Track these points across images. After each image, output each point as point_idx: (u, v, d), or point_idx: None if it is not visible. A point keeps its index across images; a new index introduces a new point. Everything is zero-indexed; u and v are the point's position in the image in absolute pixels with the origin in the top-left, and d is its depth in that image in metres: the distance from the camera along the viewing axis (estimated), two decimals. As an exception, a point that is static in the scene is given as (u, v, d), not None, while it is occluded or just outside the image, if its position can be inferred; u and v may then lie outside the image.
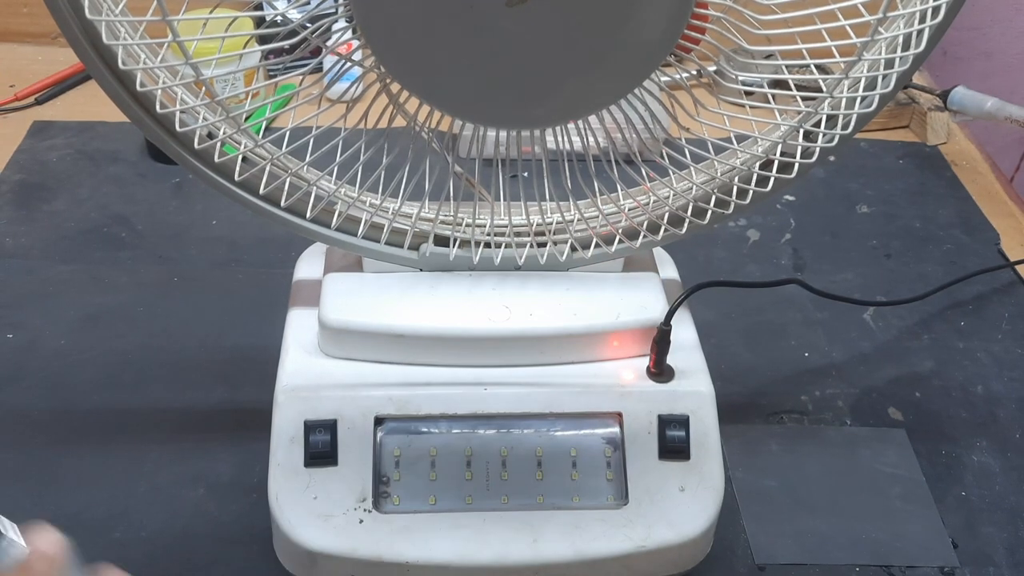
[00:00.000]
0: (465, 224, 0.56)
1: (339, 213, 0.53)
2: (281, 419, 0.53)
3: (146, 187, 0.89)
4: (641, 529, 0.53)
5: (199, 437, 0.66)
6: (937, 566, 0.61)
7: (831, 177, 0.97)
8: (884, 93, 0.47)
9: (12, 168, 0.91)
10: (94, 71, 0.44)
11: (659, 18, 0.42)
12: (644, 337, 0.56)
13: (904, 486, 0.66)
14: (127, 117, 0.47)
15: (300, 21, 0.42)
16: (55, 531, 0.40)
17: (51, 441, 0.65)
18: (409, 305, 0.55)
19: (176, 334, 0.74)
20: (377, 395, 0.54)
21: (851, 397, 0.73)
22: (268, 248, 0.82)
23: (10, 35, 1.08)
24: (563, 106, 0.47)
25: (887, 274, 0.85)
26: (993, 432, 0.71)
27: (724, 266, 0.85)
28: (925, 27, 0.43)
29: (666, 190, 0.55)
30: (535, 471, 0.54)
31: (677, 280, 0.63)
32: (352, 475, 0.53)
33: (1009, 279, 0.86)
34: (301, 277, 0.62)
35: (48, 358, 0.71)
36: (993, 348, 0.78)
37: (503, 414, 0.55)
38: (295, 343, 0.57)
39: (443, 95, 0.46)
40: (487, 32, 0.42)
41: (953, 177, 0.99)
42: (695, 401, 0.55)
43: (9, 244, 0.82)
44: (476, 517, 0.53)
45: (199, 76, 0.43)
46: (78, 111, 0.99)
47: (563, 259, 0.56)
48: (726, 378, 0.70)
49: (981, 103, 0.97)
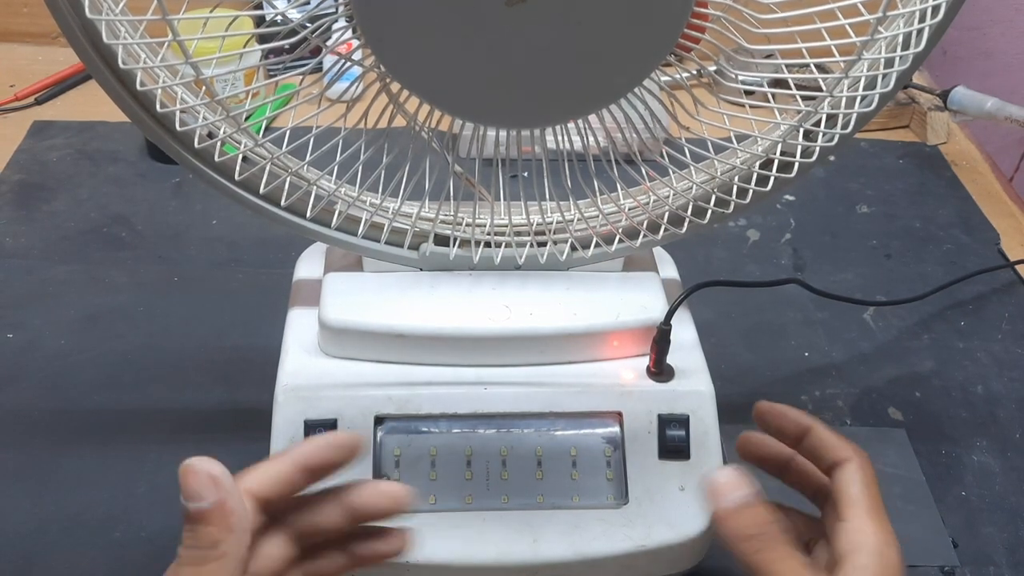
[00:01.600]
0: (465, 224, 0.56)
1: (339, 213, 0.53)
2: (281, 419, 0.53)
3: (146, 187, 0.89)
4: (641, 529, 0.53)
5: (199, 437, 0.66)
6: (937, 566, 0.61)
7: (831, 177, 0.97)
8: (884, 92, 0.47)
9: (12, 168, 0.91)
10: (94, 70, 0.44)
11: (659, 17, 0.42)
12: (644, 337, 0.56)
13: (904, 486, 0.66)
14: (127, 117, 0.47)
15: (300, 21, 0.42)
16: None
17: (51, 441, 0.65)
18: (409, 305, 0.55)
19: (176, 334, 0.74)
20: (377, 395, 0.54)
21: (851, 397, 0.73)
22: (268, 248, 0.82)
23: (10, 35, 1.08)
24: (563, 105, 0.47)
25: (887, 274, 0.85)
26: (993, 432, 0.71)
27: (724, 266, 0.85)
28: (925, 26, 0.43)
29: (666, 189, 0.55)
30: (535, 471, 0.54)
31: (677, 280, 0.63)
32: (352, 475, 0.53)
33: (1009, 279, 0.86)
34: (301, 277, 0.62)
35: (48, 358, 0.71)
36: (993, 348, 0.78)
37: (503, 414, 0.55)
38: (295, 343, 0.57)
39: (442, 94, 0.46)
40: (487, 31, 0.42)
41: (953, 177, 0.99)
42: (695, 401, 0.55)
43: (9, 244, 0.82)
44: (476, 517, 0.53)
45: (199, 75, 0.43)
46: (78, 111, 0.99)
47: (563, 258, 0.56)
48: (726, 378, 0.70)
49: (981, 103, 0.97)
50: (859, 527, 0.44)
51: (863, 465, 0.46)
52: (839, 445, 0.47)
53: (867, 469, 0.46)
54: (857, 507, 0.45)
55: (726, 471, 0.44)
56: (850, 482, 0.46)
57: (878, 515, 0.44)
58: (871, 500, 0.45)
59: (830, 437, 0.47)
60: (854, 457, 0.46)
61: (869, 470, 0.46)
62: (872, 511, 0.45)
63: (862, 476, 0.46)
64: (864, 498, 0.45)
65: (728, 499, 0.44)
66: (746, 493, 0.44)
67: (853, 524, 0.44)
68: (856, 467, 0.46)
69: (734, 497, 0.44)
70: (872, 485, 0.46)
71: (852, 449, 0.47)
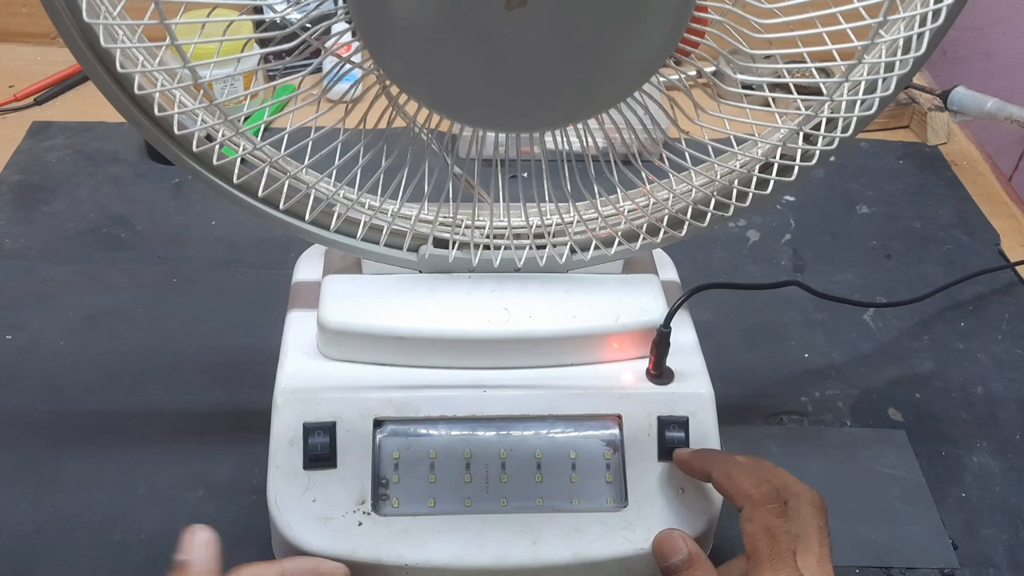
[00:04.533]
0: (464, 226, 0.56)
1: (338, 215, 0.53)
2: (280, 421, 0.53)
3: (145, 188, 0.89)
4: (641, 531, 0.53)
5: (198, 439, 0.66)
6: (937, 567, 0.61)
7: (831, 177, 0.97)
8: (884, 96, 0.47)
9: (11, 169, 0.91)
10: (92, 73, 0.44)
11: (659, 21, 0.42)
12: (644, 339, 0.56)
13: (904, 487, 0.66)
14: (125, 120, 0.47)
15: (299, 23, 0.42)
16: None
17: (51, 442, 0.65)
18: (408, 307, 0.55)
19: (175, 335, 0.74)
20: (376, 397, 0.54)
21: (851, 398, 0.73)
22: (267, 249, 0.82)
23: (9, 35, 1.08)
24: (562, 109, 0.46)
25: (887, 274, 0.85)
26: (993, 433, 0.71)
27: (724, 267, 0.85)
28: (926, 30, 0.43)
29: (665, 192, 0.55)
30: (534, 473, 0.54)
31: (677, 282, 0.63)
32: (351, 477, 0.53)
33: (1009, 279, 0.86)
34: (300, 279, 0.62)
35: (48, 359, 0.71)
36: (993, 349, 0.78)
37: (502, 416, 0.55)
38: (294, 345, 0.57)
39: (441, 98, 0.46)
40: (486, 35, 0.42)
41: (953, 177, 0.99)
42: (695, 403, 0.55)
43: (8, 245, 0.82)
44: (475, 519, 0.53)
45: (197, 78, 0.43)
46: (77, 111, 0.99)
47: (562, 261, 0.56)
48: (726, 379, 0.70)
49: (981, 103, 0.97)
50: None
51: (752, 514, 0.47)
52: (732, 493, 0.49)
53: (757, 518, 0.47)
54: (751, 560, 0.47)
55: (669, 533, 0.51)
56: (743, 533, 0.48)
57: (770, 566, 0.46)
58: (763, 551, 0.46)
59: (727, 484, 0.49)
60: (745, 505, 0.48)
61: (760, 518, 0.47)
62: (763, 563, 0.46)
63: (751, 527, 0.47)
64: (755, 552, 0.46)
65: (669, 560, 0.49)
66: (684, 553, 0.49)
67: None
68: (746, 517, 0.48)
69: (674, 559, 0.49)
70: (761, 535, 0.47)
71: (744, 496, 0.48)
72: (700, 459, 0.52)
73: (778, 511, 0.47)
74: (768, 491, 0.48)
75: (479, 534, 0.53)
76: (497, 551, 0.52)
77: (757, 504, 0.47)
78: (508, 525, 0.53)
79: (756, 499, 0.47)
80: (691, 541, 0.50)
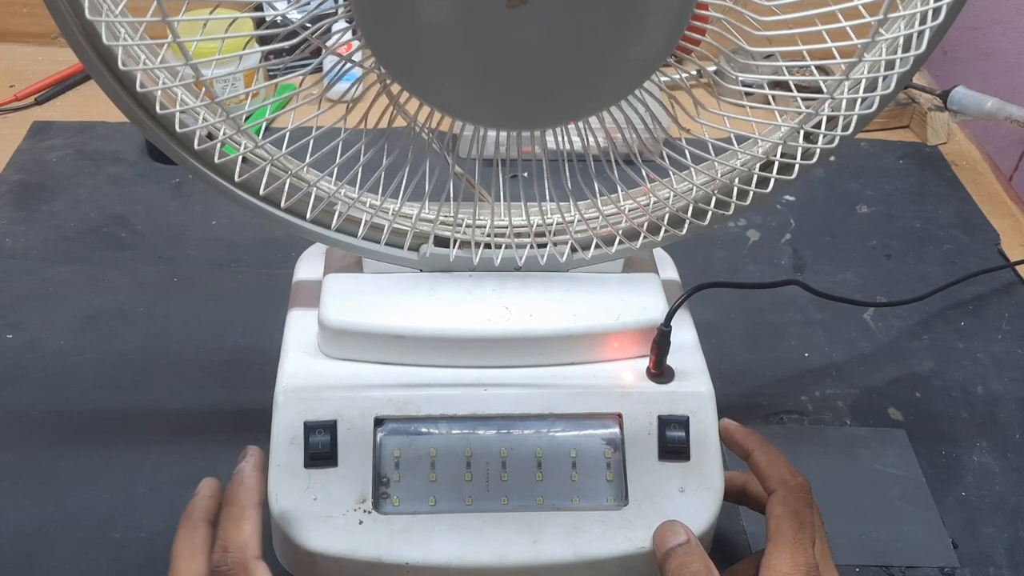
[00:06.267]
0: (465, 225, 0.56)
1: (339, 214, 0.53)
2: (281, 420, 0.53)
3: (146, 187, 0.89)
4: (641, 530, 0.53)
5: (199, 438, 0.66)
6: (937, 567, 0.61)
7: (831, 177, 0.97)
8: (884, 94, 0.47)
9: (12, 168, 0.91)
10: (94, 72, 0.44)
11: (660, 20, 0.42)
12: (644, 338, 0.56)
13: (904, 486, 0.66)
14: (127, 118, 0.47)
15: (300, 22, 0.42)
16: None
17: (51, 441, 0.65)
18: (409, 306, 0.55)
19: (176, 334, 0.74)
20: (377, 396, 0.54)
21: (851, 397, 0.73)
22: (268, 248, 0.82)
23: (10, 35, 1.08)
24: (563, 107, 0.47)
25: (887, 274, 0.85)
26: (993, 432, 0.71)
27: (724, 266, 0.85)
28: (926, 28, 0.43)
29: (666, 191, 0.55)
30: (535, 472, 0.54)
31: (677, 281, 0.63)
32: (352, 476, 0.53)
33: (1009, 279, 0.86)
34: (301, 278, 0.62)
35: (48, 358, 0.71)
36: (993, 348, 0.78)
37: (503, 415, 0.55)
38: (295, 344, 0.57)
39: (442, 96, 0.46)
40: (487, 34, 0.42)
41: (953, 177, 0.99)
42: (695, 402, 0.55)
43: (9, 244, 0.82)
44: (476, 518, 0.53)
45: (199, 77, 0.43)
46: (78, 111, 0.99)
47: (563, 260, 0.56)
48: (726, 379, 0.70)
49: (981, 103, 0.97)
50: (770, 562, 0.47)
51: (785, 497, 0.50)
52: (769, 475, 0.51)
53: (789, 502, 0.49)
54: (774, 539, 0.48)
55: (672, 522, 0.52)
56: (770, 514, 0.49)
57: (791, 547, 0.47)
58: (787, 533, 0.48)
59: (765, 466, 0.52)
60: (779, 489, 0.50)
61: (791, 502, 0.49)
62: (785, 544, 0.48)
63: (781, 509, 0.49)
64: (779, 531, 0.48)
65: (669, 544, 0.50)
66: (683, 539, 0.50)
67: (768, 557, 0.48)
68: (778, 499, 0.50)
69: (674, 542, 0.50)
70: (790, 518, 0.49)
71: (780, 480, 0.51)
72: (745, 437, 0.54)
73: (808, 501, 0.50)
74: (804, 481, 0.51)
75: (480, 533, 0.53)
76: (498, 550, 0.52)
77: (792, 490, 0.50)
78: (508, 524, 0.53)
79: (792, 486, 0.50)
80: (692, 533, 0.51)
